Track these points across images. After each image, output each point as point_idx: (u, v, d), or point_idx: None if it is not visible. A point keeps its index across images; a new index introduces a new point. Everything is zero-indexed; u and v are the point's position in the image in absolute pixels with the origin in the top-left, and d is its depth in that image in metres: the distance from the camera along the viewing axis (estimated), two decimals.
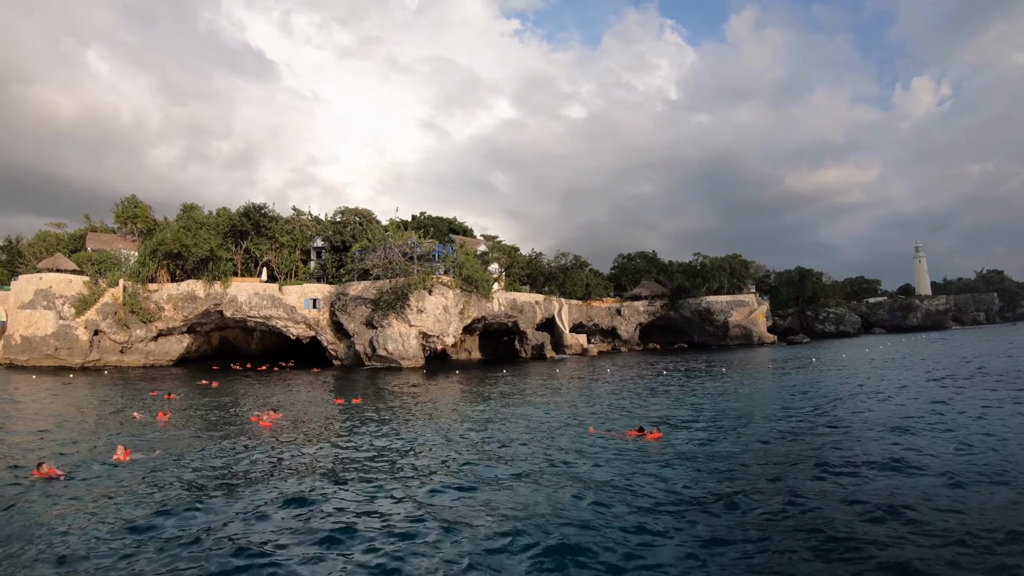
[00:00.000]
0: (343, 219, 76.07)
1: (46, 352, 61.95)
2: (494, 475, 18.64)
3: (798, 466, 18.29)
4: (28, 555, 12.57)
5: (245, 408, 33.95)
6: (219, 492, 16.80)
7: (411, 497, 16.50)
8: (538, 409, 32.43)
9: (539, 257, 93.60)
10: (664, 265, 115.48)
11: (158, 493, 16.56)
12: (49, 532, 13.66)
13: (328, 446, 23.19)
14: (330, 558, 12.29)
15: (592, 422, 27.12)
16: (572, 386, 45.15)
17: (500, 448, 22.42)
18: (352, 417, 30.61)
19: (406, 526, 14.01)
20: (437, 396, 40.88)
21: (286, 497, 16.04)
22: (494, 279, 75.46)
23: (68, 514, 14.80)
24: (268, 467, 19.59)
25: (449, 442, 23.64)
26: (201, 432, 26.23)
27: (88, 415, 31.93)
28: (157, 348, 66.57)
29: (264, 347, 78.35)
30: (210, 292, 65.07)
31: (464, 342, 76.20)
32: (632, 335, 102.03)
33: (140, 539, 13.36)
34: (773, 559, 11.72)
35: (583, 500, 15.67)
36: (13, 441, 24.44)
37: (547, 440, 23.66)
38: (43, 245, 79.96)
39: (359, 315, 65.06)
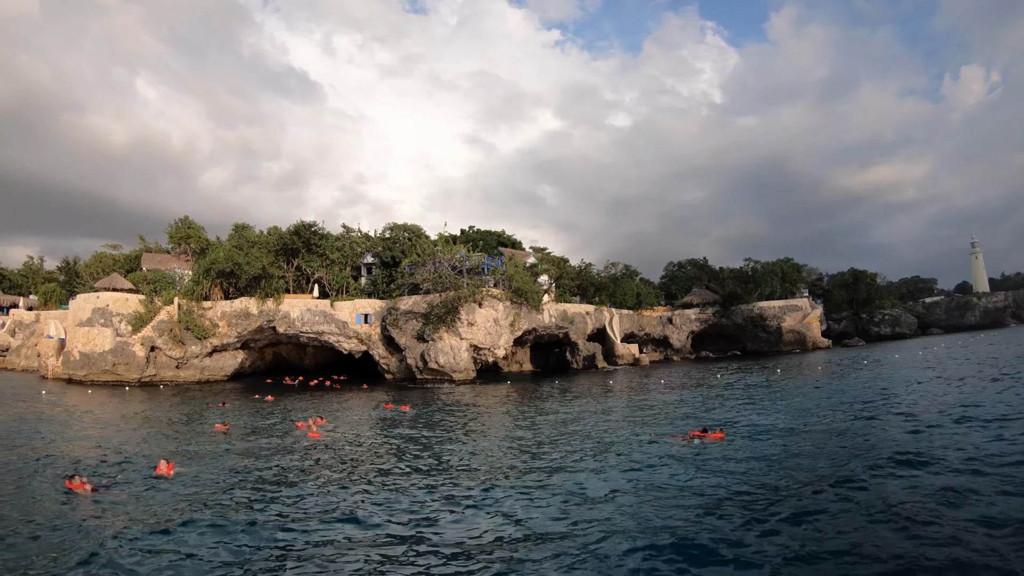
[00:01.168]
0: (392, 235, 76.09)
1: (104, 368, 62.82)
2: (557, 480, 18.57)
3: (857, 465, 18.07)
4: (56, 566, 12.38)
5: (292, 420, 34.06)
6: (261, 504, 16.62)
7: (472, 505, 16.32)
8: (595, 417, 32.50)
9: (588, 268, 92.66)
10: (715, 272, 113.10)
11: (195, 505, 16.38)
12: (77, 544, 13.46)
13: (379, 457, 22.99)
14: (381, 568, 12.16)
15: (652, 427, 27.44)
16: (626, 395, 44.83)
17: (559, 455, 22.32)
18: (404, 428, 30.44)
19: (466, 536, 13.81)
20: (490, 407, 40.64)
21: (334, 510, 15.89)
22: (544, 291, 74.62)
23: (95, 527, 14.59)
24: (314, 479, 19.35)
25: (506, 451, 23.57)
26: (252, 444, 26.18)
27: (139, 428, 32.14)
28: (212, 364, 67.21)
29: (317, 362, 78.60)
30: (263, 309, 65.54)
31: (515, 354, 75.56)
32: (684, 343, 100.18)
33: (170, 551, 13.15)
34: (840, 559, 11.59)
35: (649, 504, 15.45)
36: (61, 452, 24.52)
37: (609, 446, 23.67)
38: (99, 266, 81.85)
39: (410, 329, 64.92)
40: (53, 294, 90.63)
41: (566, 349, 78.11)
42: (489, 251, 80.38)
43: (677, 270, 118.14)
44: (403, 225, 77.05)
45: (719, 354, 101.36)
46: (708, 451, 21.24)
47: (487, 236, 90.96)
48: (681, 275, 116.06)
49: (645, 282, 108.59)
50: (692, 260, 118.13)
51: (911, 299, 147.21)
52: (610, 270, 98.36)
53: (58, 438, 28.02)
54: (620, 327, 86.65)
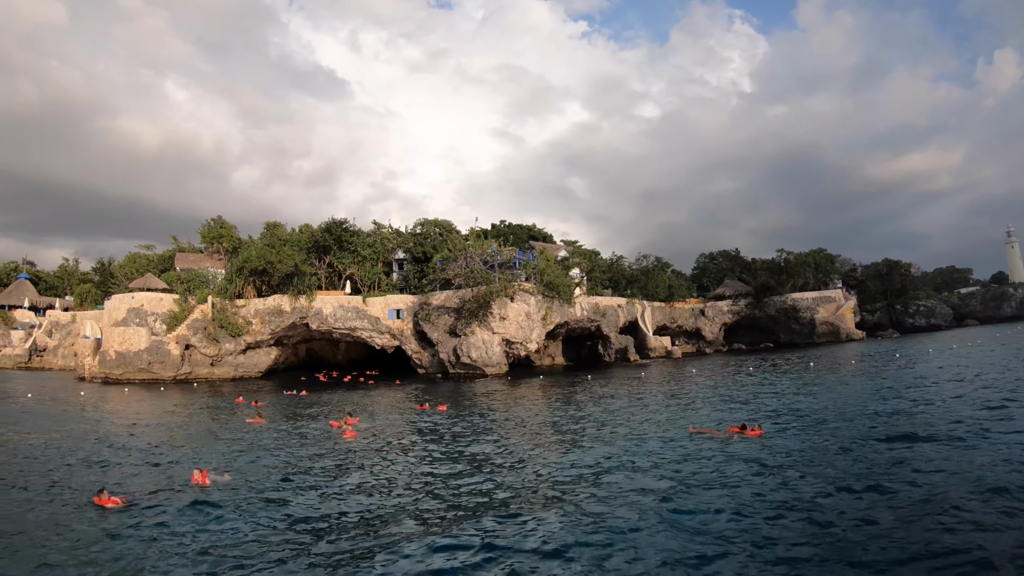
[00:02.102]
0: (423, 230, 76.15)
1: (139, 366, 63.54)
2: (594, 479, 18.14)
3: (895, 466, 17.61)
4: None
5: (326, 417, 33.80)
6: (301, 512, 16.22)
7: (513, 504, 16.03)
8: (630, 412, 31.97)
9: (620, 260, 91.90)
10: (747, 263, 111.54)
11: (232, 515, 16.02)
12: (112, 564, 13.05)
13: (415, 457, 22.63)
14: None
15: (689, 421, 26.94)
16: (660, 388, 44.20)
17: (596, 453, 21.94)
18: (438, 426, 30.10)
19: (510, 539, 13.47)
20: (524, 402, 40.22)
21: (375, 517, 15.58)
22: (575, 284, 74.22)
23: (130, 544, 14.17)
24: (351, 484, 18.92)
25: (541, 448, 23.25)
26: (287, 446, 25.87)
27: (176, 431, 31.90)
28: (246, 361, 67.69)
29: (350, 357, 78.99)
30: (296, 306, 65.84)
31: (547, 348, 75.21)
32: (716, 336, 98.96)
33: (210, 564, 12.87)
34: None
35: (691, 504, 15.23)
36: (98, 458, 24.23)
37: (646, 441, 23.43)
38: (133, 266, 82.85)
39: (442, 324, 64.91)
40: (88, 295, 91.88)
41: (598, 342, 77.62)
42: (520, 245, 79.96)
43: (709, 262, 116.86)
44: (434, 221, 77.06)
45: (752, 346, 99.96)
46: (747, 449, 20.87)
47: (518, 230, 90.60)
48: (713, 267, 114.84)
49: (677, 274, 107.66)
50: (724, 251, 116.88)
51: (946, 290, 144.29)
52: (641, 262, 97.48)
53: (96, 443, 27.84)
54: (652, 320, 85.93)
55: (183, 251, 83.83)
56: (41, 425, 34.09)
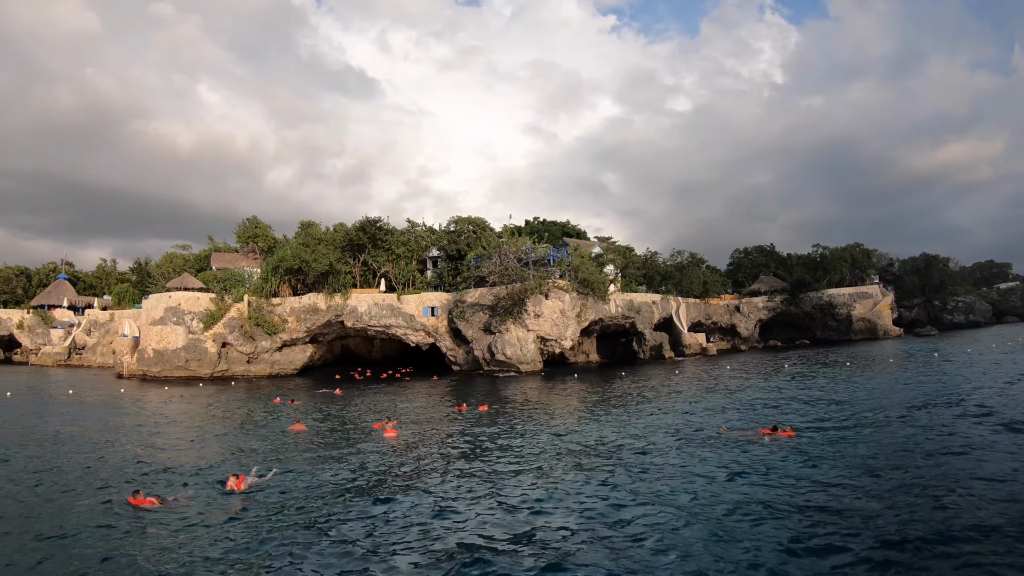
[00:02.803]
0: (457, 228, 76.14)
1: (177, 364, 64.23)
2: (632, 479, 18.09)
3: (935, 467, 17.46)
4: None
5: (368, 418, 33.58)
6: (341, 514, 16.08)
7: (551, 504, 15.94)
8: (664, 409, 31.83)
9: (654, 256, 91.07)
10: (782, 258, 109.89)
11: (270, 519, 15.84)
12: (146, 566, 12.91)
13: (458, 457, 22.47)
14: None
15: (722, 421, 26.82)
16: (695, 386, 43.64)
17: (633, 451, 21.94)
18: (480, 426, 29.89)
19: (552, 538, 13.44)
20: (561, 400, 40.09)
21: (419, 518, 15.36)
22: (610, 280, 73.70)
23: (168, 545, 14.13)
24: (395, 485, 18.82)
25: (579, 446, 23.13)
26: (327, 447, 25.72)
27: (214, 430, 31.93)
28: (282, 358, 68.17)
29: (385, 354, 79.32)
30: (331, 304, 66.15)
31: (582, 345, 74.75)
32: (752, 332, 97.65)
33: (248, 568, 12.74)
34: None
35: (725, 504, 15.16)
36: (135, 456, 24.38)
37: (680, 442, 23.28)
38: (170, 266, 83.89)
39: (477, 321, 64.85)
40: (126, 294, 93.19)
41: (633, 339, 76.97)
42: (554, 242, 79.55)
43: (744, 257, 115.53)
44: (467, 218, 76.97)
45: (787, 343, 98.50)
46: (779, 451, 20.67)
47: (552, 227, 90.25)
48: (748, 262, 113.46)
49: (712, 270, 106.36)
50: (759, 246, 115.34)
51: (985, 285, 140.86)
52: (676, 258, 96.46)
53: (134, 441, 28.00)
54: (687, 316, 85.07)
55: (219, 251, 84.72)
56: (81, 421, 34.48)
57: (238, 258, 79.28)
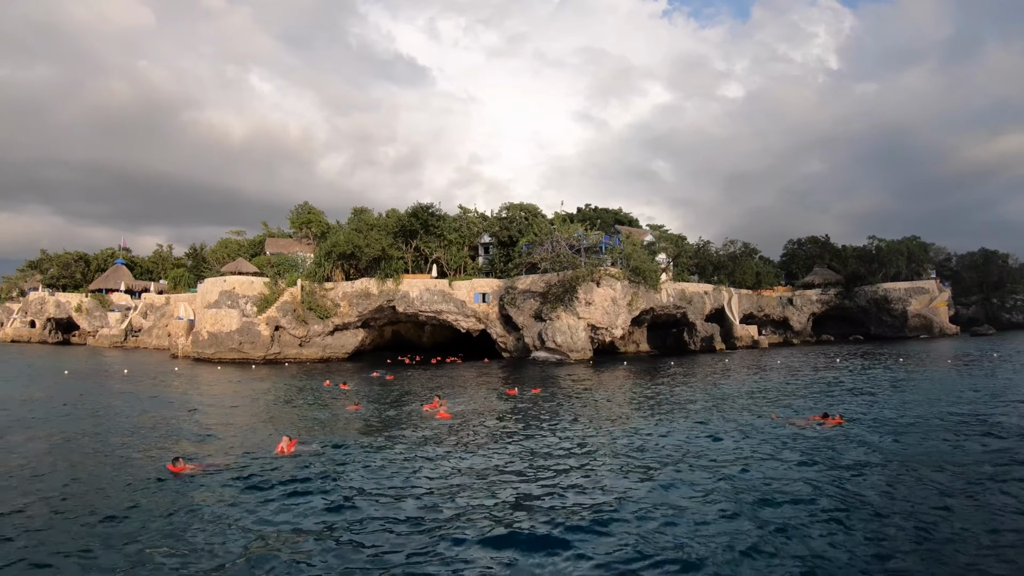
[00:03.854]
0: (509, 215, 75.98)
1: (231, 347, 65.45)
2: (681, 466, 17.87)
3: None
4: (156, 551, 11.97)
5: (420, 400, 33.42)
6: (389, 483, 16.12)
7: (602, 492, 15.56)
8: (714, 399, 31.49)
9: (707, 245, 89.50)
10: (837, 250, 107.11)
11: (317, 484, 15.98)
12: (178, 526, 13.13)
13: (509, 440, 22.22)
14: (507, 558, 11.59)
15: (772, 409, 26.81)
16: (746, 376, 43.01)
17: (684, 437, 21.79)
18: (530, 409, 29.67)
19: (600, 525, 13.14)
20: (611, 387, 39.77)
21: (464, 493, 15.27)
22: (662, 269, 72.99)
23: (205, 508, 14.22)
24: (442, 460, 18.75)
25: (629, 434, 22.81)
26: (378, 425, 25.78)
27: (262, 405, 32.47)
28: (333, 342, 68.89)
29: (435, 340, 79.79)
30: (383, 289, 66.59)
31: (632, 334, 74.13)
32: (804, 326, 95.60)
33: (280, 531, 12.79)
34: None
35: (769, 490, 14.98)
36: (184, 428, 24.82)
37: (729, 427, 23.08)
38: (225, 251, 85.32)
39: (527, 308, 64.66)
40: (182, 279, 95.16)
41: (683, 330, 76.01)
42: (606, 229, 78.79)
43: (797, 248, 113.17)
44: (519, 205, 76.75)
45: (840, 338, 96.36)
46: (827, 438, 20.75)
47: (603, 214, 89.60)
48: (802, 253, 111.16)
49: (764, 260, 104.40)
50: (813, 237, 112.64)
51: None
52: (728, 248, 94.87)
53: (186, 416, 28.52)
54: (739, 308, 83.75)
55: (273, 236, 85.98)
56: (135, 398, 35.23)
57: (292, 243, 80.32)
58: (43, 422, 26.93)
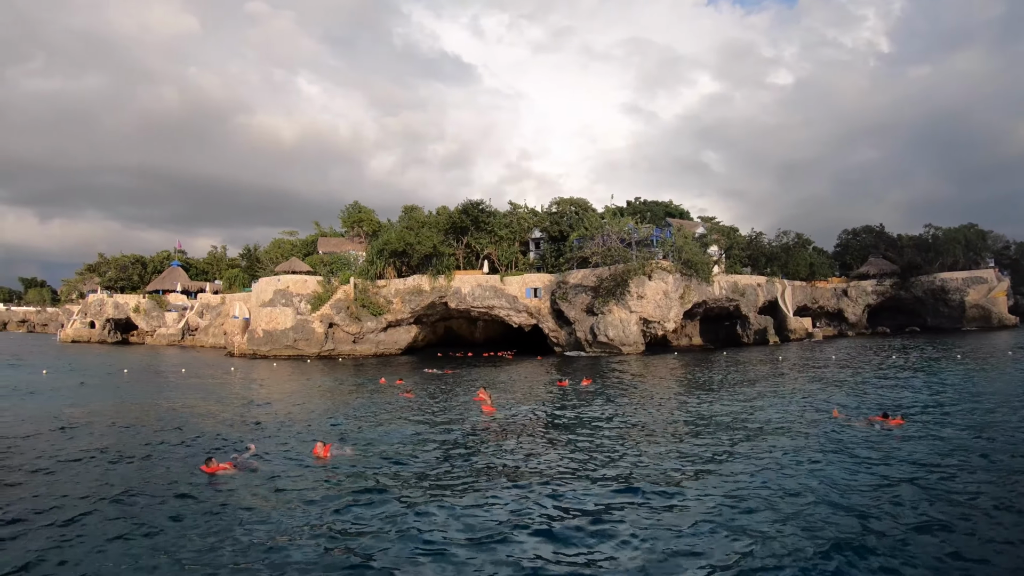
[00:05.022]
0: (559, 209, 75.98)
1: (285, 344, 66.81)
2: (740, 459, 17.67)
3: None
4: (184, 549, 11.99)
5: (471, 393, 33.51)
6: (426, 482, 16.01)
7: (655, 485, 15.39)
8: (769, 393, 30.89)
9: (759, 237, 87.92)
10: (892, 240, 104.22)
11: (352, 485, 15.80)
12: (219, 526, 13.06)
13: (557, 436, 21.95)
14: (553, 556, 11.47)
15: (831, 405, 26.08)
16: (800, 371, 42.08)
17: (740, 431, 21.47)
18: (580, 399, 29.78)
19: (653, 520, 12.93)
20: (662, 382, 39.52)
21: (505, 498, 14.79)
22: (714, 262, 72.30)
23: (238, 508, 14.12)
24: (487, 464, 18.17)
25: (681, 430, 22.54)
26: (424, 420, 25.67)
27: (312, 401, 32.45)
28: (387, 338, 69.74)
29: (487, 336, 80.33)
30: (435, 286, 67.17)
31: (685, 328, 73.57)
32: (859, 318, 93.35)
33: (314, 532, 12.64)
34: None
35: (830, 490, 14.55)
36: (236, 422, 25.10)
37: (789, 424, 22.61)
38: (278, 251, 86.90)
39: (579, 303, 64.60)
40: (236, 278, 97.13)
41: (736, 322, 75.24)
42: (657, 222, 78.31)
43: (851, 238, 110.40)
44: (569, 199, 76.70)
45: (896, 330, 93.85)
46: (887, 438, 20.04)
47: (654, 207, 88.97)
48: (856, 243, 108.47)
49: (818, 251, 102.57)
50: (867, 227, 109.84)
51: None
52: (781, 239, 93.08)
53: (237, 413, 28.66)
54: (792, 300, 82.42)
55: (325, 236, 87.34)
56: (190, 395, 35.80)
57: (344, 242, 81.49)
58: (98, 416, 27.82)
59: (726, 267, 77.51)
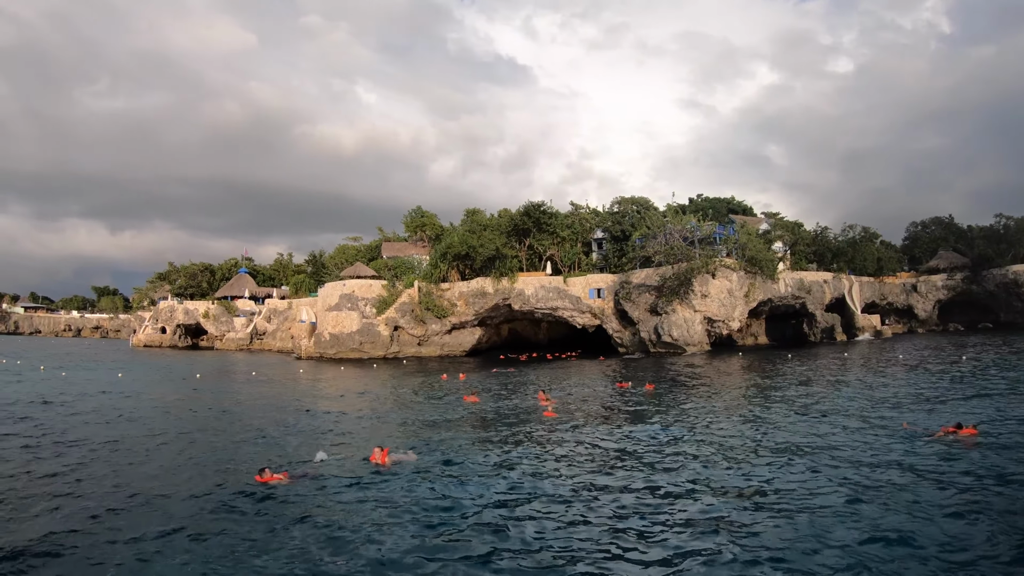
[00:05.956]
0: (620, 209, 76.04)
1: (351, 347, 68.58)
2: (808, 467, 16.95)
3: None
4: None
5: (531, 395, 33.38)
6: (485, 494, 15.20)
7: (716, 490, 15.00)
8: (837, 398, 29.51)
9: (824, 232, 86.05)
10: (962, 231, 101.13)
11: (411, 496, 15.04)
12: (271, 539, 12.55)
13: (618, 442, 21.21)
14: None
15: (903, 416, 24.18)
16: (868, 372, 40.46)
17: (806, 440, 20.53)
18: (640, 403, 29.56)
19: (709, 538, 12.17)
20: (727, 381, 39.11)
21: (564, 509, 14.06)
22: (778, 258, 71.33)
23: (274, 519, 13.67)
24: (547, 473, 17.21)
25: (744, 436, 21.58)
26: (487, 423, 25.50)
27: (377, 405, 32.31)
28: (451, 340, 70.81)
29: (551, 337, 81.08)
30: (498, 288, 67.95)
31: (750, 326, 72.85)
32: (930, 314, 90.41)
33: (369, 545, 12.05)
34: None
35: (899, 507, 13.49)
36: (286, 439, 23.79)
37: (859, 434, 21.36)
38: (343, 257, 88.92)
39: (643, 302, 64.48)
40: (303, 284, 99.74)
41: (803, 320, 74.10)
42: (719, 219, 77.73)
43: (920, 230, 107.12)
44: (631, 198, 76.65)
45: (968, 326, 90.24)
46: (960, 450, 18.46)
47: (716, 203, 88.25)
48: (925, 236, 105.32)
49: (886, 245, 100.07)
50: (936, 218, 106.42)
51: None
52: (847, 233, 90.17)
53: (302, 417, 28.49)
54: (860, 296, 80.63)
55: (388, 240, 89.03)
56: (259, 397, 36.56)
57: (407, 246, 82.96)
58: (161, 417, 28.96)
59: (791, 263, 76.37)
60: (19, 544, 12.38)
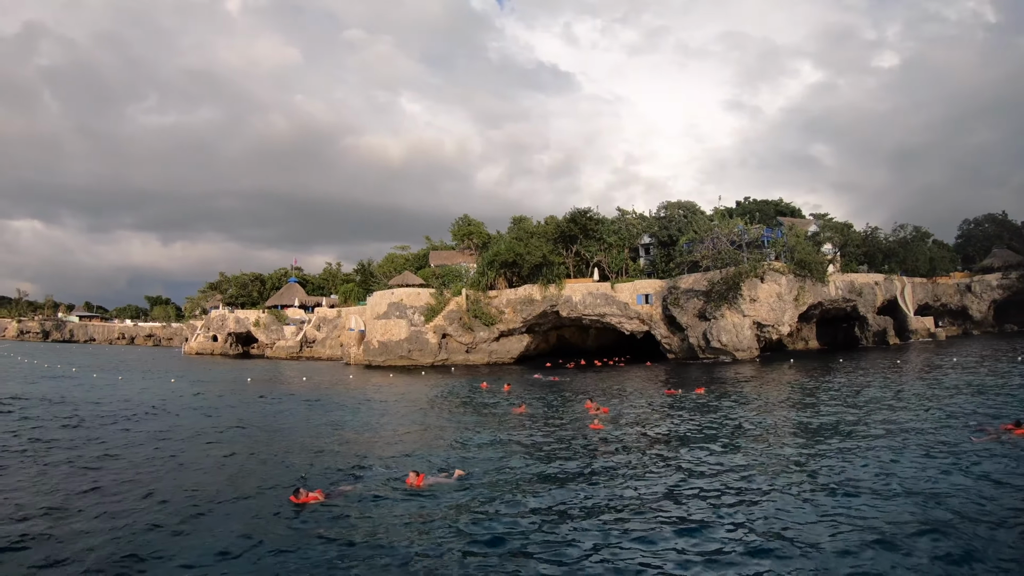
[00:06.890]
0: (667, 213, 76.26)
1: (400, 354, 69.72)
2: (867, 473, 16.94)
3: None
4: None
5: (576, 408, 32.79)
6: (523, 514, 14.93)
7: (775, 519, 14.49)
8: (894, 403, 29.06)
9: (875, 232, 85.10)
10: (1016, 228, 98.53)
11: (425, 528, 14.37)
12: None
13: (671, 455, 20.88)
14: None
15: (961, 417, 24.20)
16: (922, 375, 40.00)
17: (864, 444, 20.45)
18: (689, 410, 29.57)
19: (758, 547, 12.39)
20: (777, 387, 38.91)
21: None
22: (828, 260, 70.52)
23: (307, 538, 13.62)
24: (593, 492, 16.74)
25: (795, 443, 21.65)
26: (533, 436, 25.02)
27: (422, 415, 31.98)
28: (499, 347, 71.48)
29: (599, 343, 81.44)
30: (546, 295, 68.45)
31: (800, 331, 72.15)
32: (985, 315, 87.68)
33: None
34: None
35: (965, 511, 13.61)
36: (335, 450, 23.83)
37: (918, 438, 21.19)
38: (391, 266, 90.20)
39: (691, 308, 64.32)
40: (351, 293, 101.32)
41: (854, 324, 73.10)
42: (767, 222, 77.09)
43: (973, 228, 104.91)
44: (677, 203, 76.70)
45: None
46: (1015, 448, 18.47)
47: (764, 206, 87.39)
48: (978, 234, 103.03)
49: (938, 245, 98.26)
50: (990, 215, 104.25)
51: None
52: (898, 233, 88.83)
53: (346, 425, 29.18)
54: (913, 298, 79.18)
55: (436, 249, 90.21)
56: (308, 406, 36.81)
57: (455, 255, 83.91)
58: (211, 420, 30.09)
59: (841, 266, 75.47)
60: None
